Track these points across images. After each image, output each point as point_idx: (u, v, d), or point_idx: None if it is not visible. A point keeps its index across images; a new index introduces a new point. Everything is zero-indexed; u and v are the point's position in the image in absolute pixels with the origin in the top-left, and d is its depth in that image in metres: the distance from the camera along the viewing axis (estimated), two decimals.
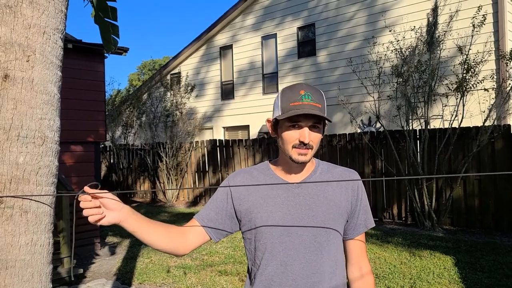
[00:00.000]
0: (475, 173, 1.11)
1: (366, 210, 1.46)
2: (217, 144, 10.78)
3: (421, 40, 7.22)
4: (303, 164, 1.37)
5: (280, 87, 12.05)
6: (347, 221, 1.43)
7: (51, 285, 1.34)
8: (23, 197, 1.23)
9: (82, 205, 1.20)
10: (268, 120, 1.43)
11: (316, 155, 1.46)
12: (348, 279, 1.48)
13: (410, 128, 7.18)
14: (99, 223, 1.23)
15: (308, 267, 1.34)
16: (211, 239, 1.44)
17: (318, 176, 1.42)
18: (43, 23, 1.30)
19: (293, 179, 1.41)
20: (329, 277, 1.36)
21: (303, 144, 1.31)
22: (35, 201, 1.26)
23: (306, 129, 1.31)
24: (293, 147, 1.32)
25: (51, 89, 1.33)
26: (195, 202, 11.10)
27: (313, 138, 1.33)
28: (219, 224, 1.43)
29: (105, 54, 6.64)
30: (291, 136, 1.32)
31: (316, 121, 1.32)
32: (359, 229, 1.45)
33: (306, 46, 11.85)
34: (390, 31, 8.15)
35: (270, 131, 1.43)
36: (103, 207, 1.23)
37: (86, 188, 1.20)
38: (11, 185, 1.22)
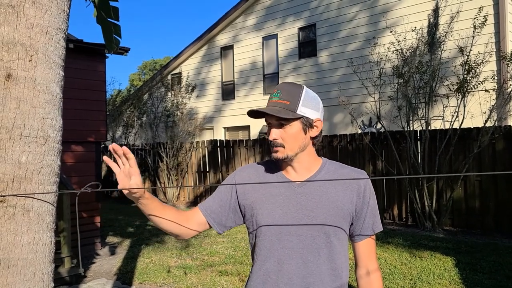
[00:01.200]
0: (475, 173, 1.11)
1: (374, 214, 1.43)
2: (218, 145, 10.78)
3: (422, 41, 7.22)
4: (281, 161, 1.40)
5: None
6: (352, 223, 1.42)
7: (53, 284, 1.34)
8: (26, 195, 1.23)
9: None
10: None
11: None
12: (356, 280, 1.48)
13: (411, 129, 7.18)
14: (127, 188, 1.26)
15: (304, 267, 1.34)
16: (210, 227, 1.47)
17: (323, 176, 1.41)
18: (45, 22, 1.30)
19: (297, 177, 1.41)
20: (328, 279, 1.35)
21: (271, 141, 1.36)
22: (37, 199, 1.26)
23: (272, 127, 1.36)
24: (270, 145, 1.39)
25: (53, 88, 1.33)
26: (195, 202, 11.10)
27: (283, 135, 1.35)
28: (222, 217, 1.46)
29: (106, 54, 6.64)
30: (268, 135, 1.39)
31: (280, 118, 1.33)
32: (365, 232, 1.43)
33: (307, 46, 11.85)
34: (391, 31, 8.15)
35: None
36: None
37: (115, 146, 1.25)
38: (14, 184, 1.22)
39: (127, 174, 1.27)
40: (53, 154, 1.32)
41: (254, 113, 1.37)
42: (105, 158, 1.30)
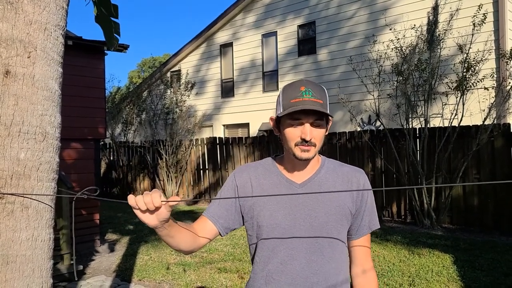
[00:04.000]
0: (474, 183, 1.11)
1: (371, 212, 1.44)
2: (217, 142, 10.78)
3: (422, 39, 7.21)
4: (306, 161, 1.36)
5: (280, 85, 12.05)
6: (351, 222, 1.42)
7: (52, 281, 1.34)
8: (22, 195, 1.24)
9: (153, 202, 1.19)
10: (271, 118, 1.43)
11: None
12: (351, 278, 1.48)
13: (410, 126, 7.19)
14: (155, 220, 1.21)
15: (308, 267, 1.34)
16: (220, 234, 1.44)
17: (323, 175, 1.41)
18: (44, 19, 1.30)
19: (298, 177, 1.40)
20: (332, 278, 1.35)
21: (305, 141, 1.30)
22: (35, 199, 1.26)
23: (307, 126, 1.30)
24: (296, 144, 1.31)
25: (52, 85, 1.33)
26: (195, 201, 11.09)
27: (316, 134, 1.31)
28: (229, 220, 1.43)
29: (105, 51, 6.63)
30: (293, 134, 1.32)
31: (318, 118, 1.30)
32: (362, 230, 1.44)
33: (306, 44, 11.84)
34: (390, 29, 8.14)
35: (273, 129, 1.43)
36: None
37: (156, 196, 1.17)
38: (12, 181, 1.22)
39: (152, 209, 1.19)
40: (51, 151, 1.33)
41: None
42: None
